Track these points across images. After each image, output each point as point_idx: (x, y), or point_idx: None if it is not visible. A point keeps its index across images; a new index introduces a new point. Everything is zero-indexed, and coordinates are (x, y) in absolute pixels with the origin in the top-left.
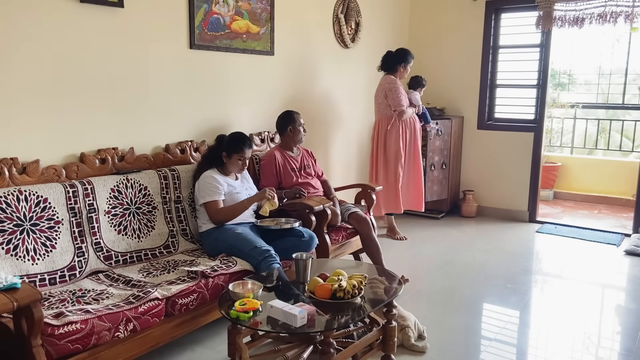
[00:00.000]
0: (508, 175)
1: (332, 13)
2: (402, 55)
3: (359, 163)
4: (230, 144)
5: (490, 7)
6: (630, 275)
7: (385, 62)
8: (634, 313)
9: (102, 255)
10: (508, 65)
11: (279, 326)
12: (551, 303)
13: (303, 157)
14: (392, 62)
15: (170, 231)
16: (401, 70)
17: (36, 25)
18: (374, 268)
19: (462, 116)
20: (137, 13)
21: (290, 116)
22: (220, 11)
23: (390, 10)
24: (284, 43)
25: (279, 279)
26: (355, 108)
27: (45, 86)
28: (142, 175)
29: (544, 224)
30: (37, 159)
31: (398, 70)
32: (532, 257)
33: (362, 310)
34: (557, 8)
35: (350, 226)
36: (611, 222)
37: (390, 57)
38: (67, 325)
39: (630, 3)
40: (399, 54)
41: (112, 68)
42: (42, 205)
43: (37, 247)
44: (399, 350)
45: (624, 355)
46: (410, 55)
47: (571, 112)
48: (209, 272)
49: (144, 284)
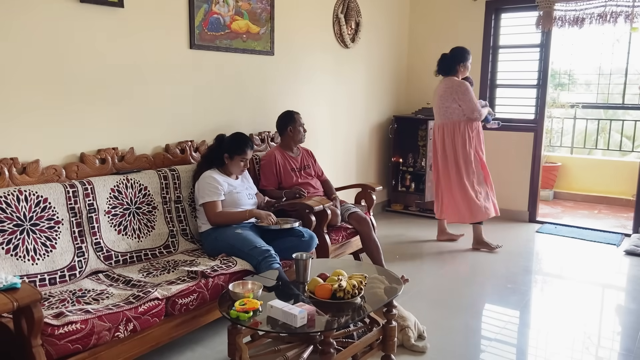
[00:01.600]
0: (508, 175)
1: (332, 13)
2: (459, 55)
3: (359, 163)
4: (233, 145)
5: (490, 7)
6: (630, 275)
7: (442, 65)
8: (634, 313)
9: (102, 255)
10: (508, 65)
11: (279, 326)
12: (551, 303)
13: (303, 157)
14: (450, 64)
15: (170, 231)
16: (461, 70)
17: (36, 25)
18: (374, 268)
19: None
20: (137, 13)
21: (290, 116)
22: (220, 11)
23: (390, 10)
24: (284, 43)
25: (279, 279)
26: (355, 108)
27: (45, 86)
28: (142, 175)
29: (544, 224)
30: (37, 159)
31: (458, 71)
32: (532, 257)
33: (362, 310)
34: (557, 8)
35: (350, 226)
36: (611, 222)
37: (447, 59)
38: (67, 325)
39: (630, 3)
40: (455, 54)
41: (112, 68)
42: (42, 205)
43: (37, 247)
44: (399, 350)
45: (624, 355)
46: (467, 53)
47: (571, 112)
48: (209, 272)
49: (144, 284)
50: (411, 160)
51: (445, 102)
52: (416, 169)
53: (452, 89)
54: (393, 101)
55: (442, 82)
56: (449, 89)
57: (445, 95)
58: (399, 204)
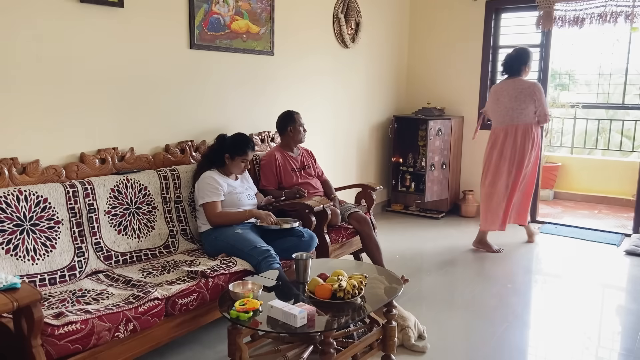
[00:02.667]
0: None
1: (332, 13)
2: (525, 56)
3: (359, 163)
4: (234, 146)
5: (490, 7)
6: (630, 275)
7: (511, 65)
8: (634, 313)
9: (102, 255)
10: None
11: (279, 326)
12: (551, 303)
13: (303, 157)
14: (516, 64)
15: (170, 231)
16: (526, 71)
17: (36, 25)
18: (374, 268)
19: (462, 116)
20: (137, 13)
21: (290, 116)
22: (220, 11)
23: (390, 10)
24: (284, 43)
25: (279, 279)
26: (355, 108)
27: (45, 86)
28: (142, 175)
29: (544, 224)
30: (37, 159)
31: (523, 72)
32: (532, 257)
33: (362, 310)
34: (557, 8)
35: (351, 226)
36: (611, 222)
37: (513, 59)
38: (67, 325)
39: (630, 3)
40: (521, 54)
41: (112, 68)
42: (42, 205)
43: (37, 247)
44: (399, 350)
45: (624, 355)
46: (531, 54)
47: (571, 112)
48: (209, 272)
49: (144, 284)
50: (411, 160)
51: (522, 103)
52: (416, 169)
53: (530, 90)
54: (393, 101)
55: (511, 82)
56: (527, 90)
57: (521, 96)
58: (399, 204)
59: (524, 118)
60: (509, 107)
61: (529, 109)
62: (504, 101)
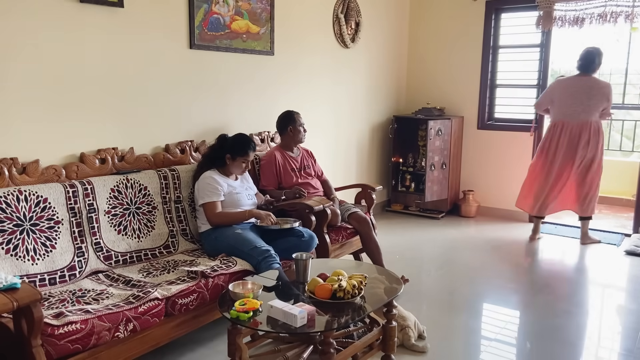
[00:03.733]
0: (508, 175)
1: (332, 13)
2: (601, 56)
3: (359, 163)
4: (236, 146)
5: (490, 7)
6: (630, 275)
7: (590, 63)
8: (634, 313)
9: (102, 255)
10: (508, 65)
11: (279, 326)
12: (551, 303)
13: (303, 157)
14: (595, 63)
15: (170, 231)
16: (597, 70)
17: (36, 25)
18: (374, 268)
19: (462, 116)
20: (137, 13)
21: (290, 116)
22: (220, 11)
23: (390, 10)
24: (284, 43)
25: (279, 279)
26: (355, 108)
27: (45, 86)
28: (142, 175)
29: (544, 224)
30: (37, 159)
31: (595, 71)
32: (532, 257)
33: (362, 310)
34: (557, 8)
35: (350, 226)
36: (611, 222)
37: (594, 56)
38: (67, 325)
39: (630, 3)
40: (600, 53)
41: (112, 68)
42: (42, 205)
43: (37, 247)
44: (399, 350)
45: (624, 355)
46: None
47: None
48: (209, 272)
49: (144, 284)
50: (411, 160)
51: (597, 101)
52: (416, 169)
53: (606, 89)
54: (393, 101)
55: (586, 79)
56: (603, 90)
57: (598, 94)
58: (399, 204)
59: (595, 115)
60: (583, 102)
61: (599, 107)
62: (580, 97)
